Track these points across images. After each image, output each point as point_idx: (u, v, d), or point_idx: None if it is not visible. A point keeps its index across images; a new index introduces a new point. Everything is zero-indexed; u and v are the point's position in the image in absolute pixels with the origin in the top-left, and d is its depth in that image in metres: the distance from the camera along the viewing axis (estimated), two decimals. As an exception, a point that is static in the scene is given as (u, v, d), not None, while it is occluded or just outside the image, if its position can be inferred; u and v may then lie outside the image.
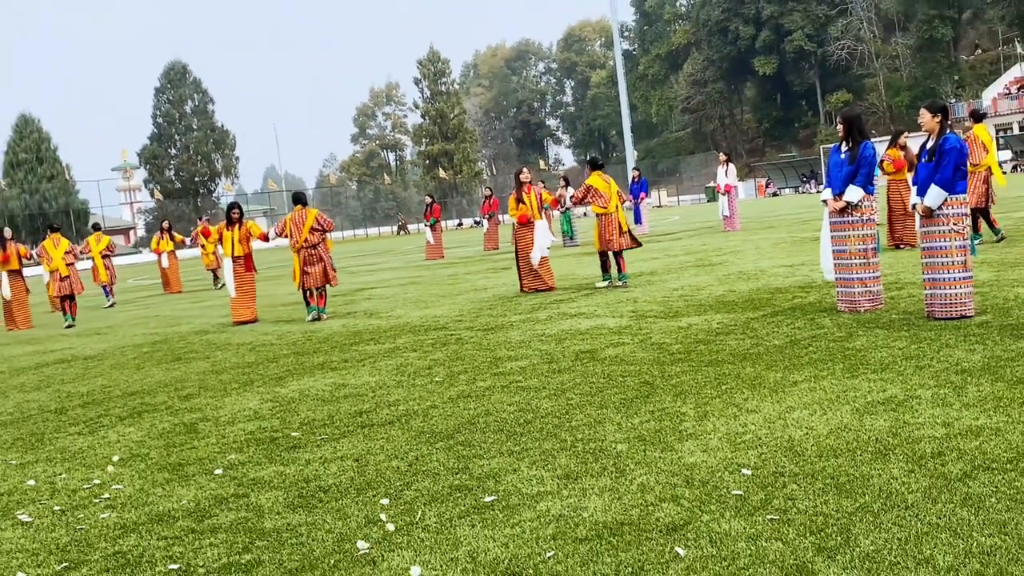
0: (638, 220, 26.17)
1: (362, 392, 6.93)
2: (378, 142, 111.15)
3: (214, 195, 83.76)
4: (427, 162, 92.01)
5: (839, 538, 3.32)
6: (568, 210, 24.31)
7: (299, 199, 12.34)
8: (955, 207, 7.20)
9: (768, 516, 3.59)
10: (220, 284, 21.82)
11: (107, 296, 19.62)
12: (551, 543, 3.56)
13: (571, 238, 24.41)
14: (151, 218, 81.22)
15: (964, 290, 7.23)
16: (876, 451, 4.25)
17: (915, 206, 7.42)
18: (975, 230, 12.49)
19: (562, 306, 10.93)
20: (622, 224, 12.22)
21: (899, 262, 11.61)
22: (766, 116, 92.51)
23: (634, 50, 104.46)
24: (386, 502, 4.26)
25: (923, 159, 7.45)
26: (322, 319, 12.07)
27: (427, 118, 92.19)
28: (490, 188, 30.50)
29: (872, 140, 8.07)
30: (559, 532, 3.66)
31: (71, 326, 15.22)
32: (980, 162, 12.64)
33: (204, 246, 21.95)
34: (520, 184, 12.96)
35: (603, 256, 12.51)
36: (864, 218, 7.86)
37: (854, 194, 7.77)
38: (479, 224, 58.04)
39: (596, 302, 10.99)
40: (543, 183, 26.35)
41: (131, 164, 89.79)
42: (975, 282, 8.43)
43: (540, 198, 13.09)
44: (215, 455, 5.48)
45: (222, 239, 12.77)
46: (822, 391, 5.47)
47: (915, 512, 3.48)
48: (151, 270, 36.10)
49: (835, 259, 8.09)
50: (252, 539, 3.96)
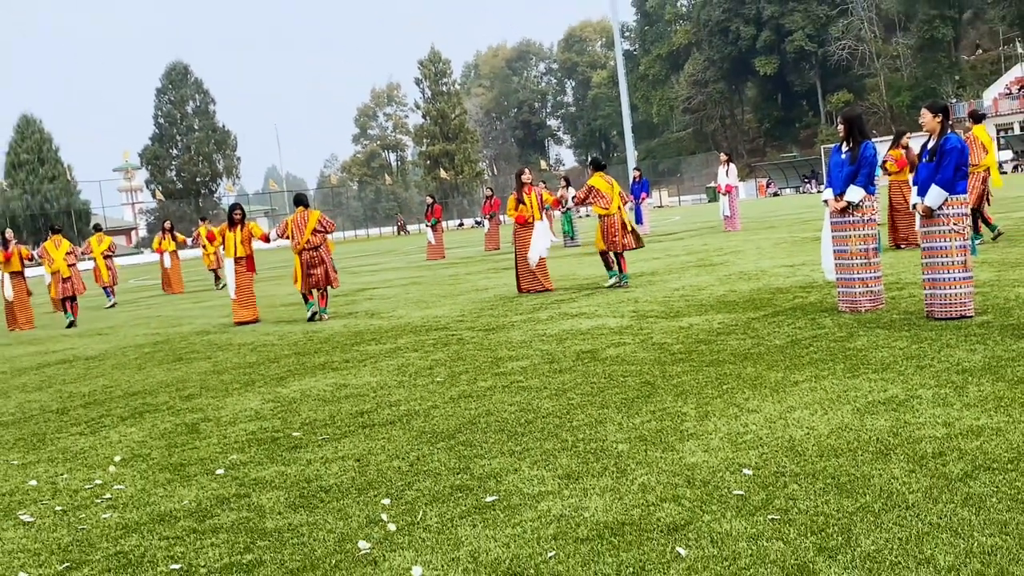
0: (639, 220, 26.12)
1: (363, 392, 6.94)
2: (379, 142, 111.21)
3: (215, 195, 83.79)
4: (428, 162, 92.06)
5: (840, 538, 3.32)
6: (569, 210, 24.33)
7: (301, 201, 12.37)
8: (955, 207, 7.20)
9: (769, 516, 3.60)
10: (221, 284, 21.81)
11: (108, 296, 19.63)
12: (552, 543, 3.56)
13: (572, 238, 24.42)
14: (152, 219, 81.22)
15: (964, 290, 7.23)
16: (877, 451, 4.25)
17: (915, 206, 7.43)
18: (975, 230, 12.49)
19: (563, 306, 10.94)
20: (626, 224, 12.22)
21: (900, 262, 11.61)
22: (767, 116, 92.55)
23: (635, 50, 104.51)
24: (387, 502, 4.26)
25: (924, 159, 7.46)
26: (324, 319, 12.08)
27: (428, 118, 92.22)
28: (491, 188, 30.51)
29: (873, 140, 8.07)
30: (560, 532, 3.67)
31: (72, 323, 15.29)
32: (980, 163, 12.64)
33: (206, 246, 21.95)
34: (521, 185, 12.96)
35: (604, 255, 12.51)
36: (865, 218, 7.86)
37: (855, 194, 7.78)
38: (480, 224, 58.05)
39: (597, 302, 11.00)
40: (544, 183, 26.38)
41: (132, 165, 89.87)
42: (976, 282, 8.43)
43: (541, 199, 13.09)
44: (216, 455, 5.48)
45: (224, 240, 12.80)
46: (823, 391, 5.47)
47: (916, 512, 3.48)
48: (153, 270, 36.12)
49: (836, 259, 8.10)
50: (253, 539, 3.97)
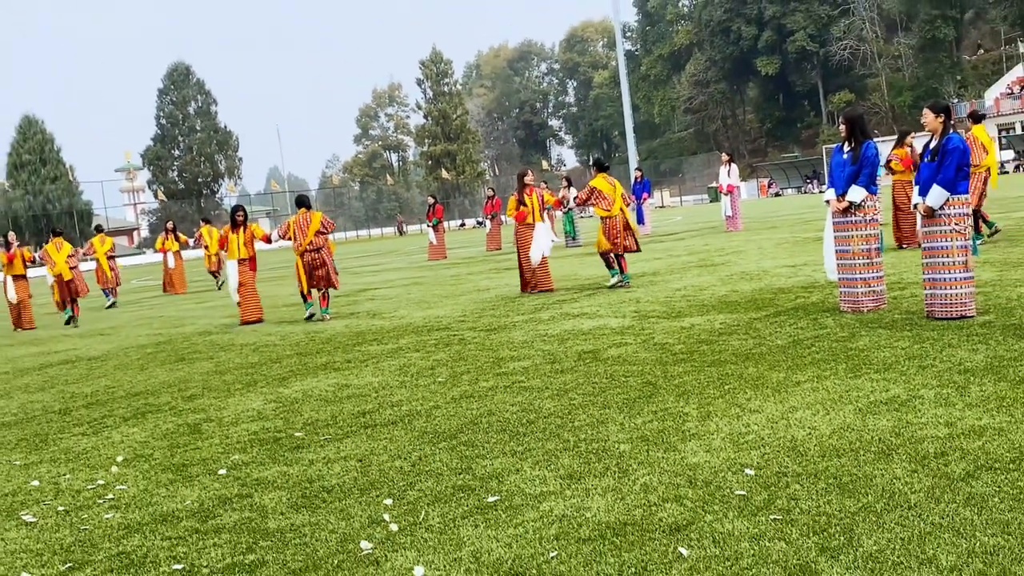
0: (641, 221, 26.12)
1: (365, 392, 6.94)
2: (381, 143, 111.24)
3: (217, 196, 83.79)
4: (430, 163, 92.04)
5: (842, 538, 3.32)
6: (571, 211, 24.33)
7: (303, 202, 12.39)
8: (957, 207, 7.20)
9: (771, 516, 3.60)
10: (220, 282, 22.00)
11: (107, 296, 19.66)
12: (554, 543, 3.56)
13: (573, 238, 24.42)
14: (154, 219, 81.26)
15: (965, 290, 7.23)
16: (879, 451, 4.25)
17: (917, 206, 7.43)
18: (977, 231, 12.48)
19: (565, 306, 10.94)
20: (628, 225, 12.23)
21: (902, 262, 11.61)
22: (768, 116, 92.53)
23: (636, 50, 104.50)
24: (389, 502, 4.26)
25: (926, 159, 7.46)
26: (326, 320, 12.08)
27: (430, 119, 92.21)
28: (493, 189, 30.50)
29: (874, 140, 8.07)
30: (562, 532, 3.67)
31: (72, 319, 15.47)
32: (980, 163, 12.63)
33: (208, 246, 21.97)
34: (524, 186, 12.95)
35: (605, 256, 12.51)
36: (867, 218, 7.86)
37: (857, 194, 7.77)
38: (481, 225, 58.05)
39: (598, 302, 11.00)
40: (545, 184, 26.39)
41: (134, 165, 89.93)
42: (978, 282, 8.43)
43: (542, 200, 13.09)
44: (219, 455, 5.49)
45: (227, 241, 12.78)
46: (825, 391, 5.47)
47: (918, 512, 3.48)
48: (154, 271, 36.12)
49: (838, 259, 8.10)
50: (256, 539, 3.97)
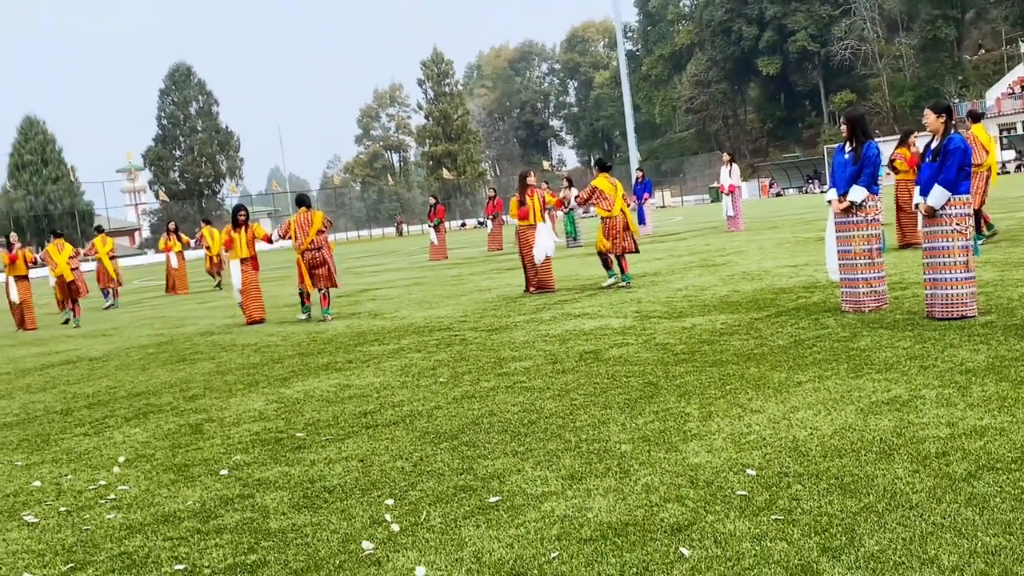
0: (642, 221, 26.12)
1: (367, 393, 6.95)
2: (382, 143, 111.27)
3: (219, 196, 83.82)
4: (431, 163, 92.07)
5: (843, 538, 3.32)
6: (572, 211, 24.32)
7: (303, 201, 12.42)
8: (958, 207, 7.20)
9: (773, 516, 3.60)
10: (218, 283, 22.29)
11: (106, 297, 19.68)
12: (556, 543, 3.56)
13: (575, 239, 24.41)
14: (156, 220, 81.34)
15: (966, 290, 7.23)
16: (880, 451, 4.25)
17: (918, 206, 7.43)
18: (978, 230, 12.48)
19: (566, 307, 10.94)
20: (628, 226, 12.23)
21: (903, 262, 11.60)
22: (770, 116, 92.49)
23: (637, 51, 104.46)
24: (391, 502, 4.27)
25: (927, 159, 7.46)
26: (327, 320, 12.08)
27: (431, 119, 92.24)
28: (494, 189, 30.51)
29: (876, 140, 8.07)
30: (564, 532, 3.67)
31: (67, 321, 15.51)
32: (982, 163, 12.61)
33: (210, 247, 22.07)
34: (526, 186, 12.95)
35: (603, 256, 12.51)
36: (869, 218, 7.86)
37: (858, 194, 7.77)
38: (483, 225, 58.05)
39: (600, 303, 11.00)
40: (547, 184, 26.38)
41: (135, 166, 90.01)
42: (979, 282, 8.43)
43: (543, 200, 13.10)
44: (220, 456, 5.49)
45: (233, 241, 12.76)
46: (826, 391, 5.47)
47: (919, 512, 3.48)
48: (156, 271, 36.13)
49: (840, 259, 8.09)
50: (257, 539, 3.97)
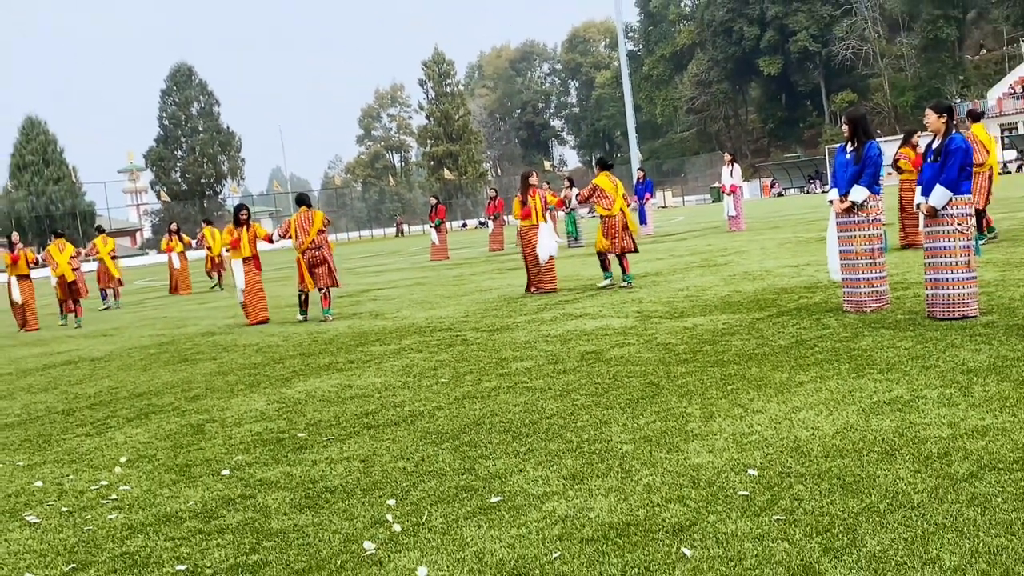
0: (643, 221, 26.13)
1: (368, 393, 6.95)
2: (383, 143, 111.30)
3: (220, 197, 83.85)
4: (432, 163, 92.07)
5: (845, 538, 3.32)
6: (573, 211, 24.31)
7: (303, 200, 12.43)
8: (960, 207, 7.20)
9: (774, 516, 3.59)
10: (214, 284, 22.47)
11: (103, 299, 19.70)
12: (557, 544, 3.56)
13: (576, 239, 24.40)
14: (157, 220, 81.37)
15: (967, 291, 7.22)
16: (882, 451, 4.25)
17: (919, 206, 7.42)
18: (979, 230, 12.46)
19: (567, 307, 10.94)
20: (628, 225, 12.22)
21: (905, 262, 11.59)
22: (771, 116, 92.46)
23: (639, 51, 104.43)
24: (392, 503, 4.27)
25: (928, 159, 7.45)
26: (328, 320, 12.09)
27: (432, 119, 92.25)
28: (495, 189, 30.50)
29: (877, 140, 8.06)
30: (565, 533, 3.67)
31: (64, 324, 15.50)
32: (984, 163, 12.59)
33: (211, 247, 22.13)
34: (528, 186, 12.94)
35: (601, 256, 12.51)
36: (870, 218, 7.85)
37: (859, 194, 7.77)
38: (484, 225, 58.02)
39: (601, 303, 10.99)
40: (548, 184, 26.38)
41: (137, 166, 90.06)
42: (980, 282, 8.42)
43: (544, 201, 13.10)
44: (222, 456, 5.49)
45: (238, 241, 12.75)
46: (828, 391, 5.46)
47: (921, 512, 3.48)
48: (157, 272, 36.16)
49: (841, 259, 8.09)
50: (259, 540, 3.97)
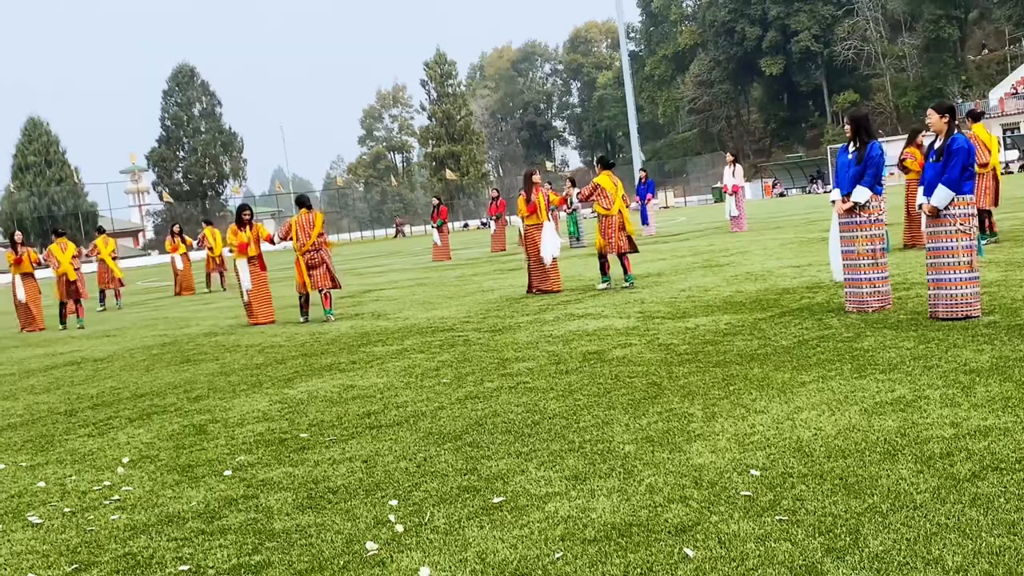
0: (645, 221, 26.14)
1: (370, 393, 6.95)
2: (385, 144, 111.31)
3: (222, 197, 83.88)
4: (434, 164, 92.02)
5: (848, 539, 3.32)
6: (575, 211, 24.31)
7: (303, 202, 12.41)
8: (962, 207, 7.19)
9: (777, 517, 3.59)
10: (210, 285, 22.66)
11: (101, 300, 19.75)
12: (560, 544, 3.57)
13: (577, 239, 24.39)
14: (159, 220, 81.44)
15: (969, 291, 7.22)
16: (885, 451, 4.25)
17: (921, 206, 7.42)
18: (982, 230, 12.45)
19: (569, 307, 10.94)
20: (624, 226, 12.22)
21: (907, 262, 11.58)
22: (773, 116, 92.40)
23: (640, 51, 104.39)
24: (395, 503, 4.27)
25: (930, 159, 7.45)
26: (330, 320, 12.09)
27: (434, 120, 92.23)
28: (497, 190, 30.49)
29: (879, 140, 8.06)
30: (567, 533, 3.67)
31: (64, 328, 15.58)
32: (987, 163, 12.57)
33: (212, 248, 22.15)
34: (531, 184, 12.94)
35: (602, 258, 12.51)
36: (872, 218, 7.85)
37: (861, 194, 7.76)
38: (486, 226, 58.01)
39: (603, 303, 10.99)
40: (549, 184, 26.37)
41: (139, 167, 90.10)
42: (983, 282, 8.41)
43: (547, 199, 13.11)
44: (224, 456, 5.50)
45: (246, 245, 12.73)
46: (830, 392, 5.46)
47: (924, 512, 3.48)
48: (160, 272, 36.19)
49: (844, 259, 8.09)
50: (261, 540, 3.98)
